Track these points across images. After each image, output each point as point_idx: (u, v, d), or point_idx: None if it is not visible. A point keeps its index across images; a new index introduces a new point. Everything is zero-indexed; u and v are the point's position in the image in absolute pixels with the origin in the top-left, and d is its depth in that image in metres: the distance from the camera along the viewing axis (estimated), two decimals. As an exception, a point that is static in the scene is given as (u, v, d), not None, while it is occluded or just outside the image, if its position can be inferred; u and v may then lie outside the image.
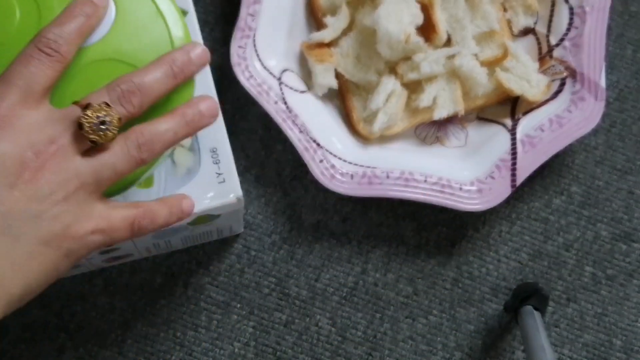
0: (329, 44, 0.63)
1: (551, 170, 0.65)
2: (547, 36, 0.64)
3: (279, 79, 0.61)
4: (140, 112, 0.44)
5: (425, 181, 0.60)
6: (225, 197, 0.52)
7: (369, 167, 0.60)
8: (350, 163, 0.61)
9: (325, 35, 0.62)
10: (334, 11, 0.63)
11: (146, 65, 0.45)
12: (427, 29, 0.61)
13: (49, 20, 0.45)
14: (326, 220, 0.62)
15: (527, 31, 0.65)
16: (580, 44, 0.63)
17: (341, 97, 0.63)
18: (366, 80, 0.62)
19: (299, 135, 0.60)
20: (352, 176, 0.60)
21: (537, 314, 0.58)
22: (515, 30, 0.65)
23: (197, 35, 0.53)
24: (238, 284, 0.61)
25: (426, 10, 0.61)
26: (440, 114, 0.62)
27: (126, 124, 0.44)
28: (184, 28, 0.48)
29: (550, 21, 0.65)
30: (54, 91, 0.44)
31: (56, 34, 0.43)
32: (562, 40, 0.64)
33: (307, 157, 0.60)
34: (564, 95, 0.62)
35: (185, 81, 0.46)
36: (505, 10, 0.65)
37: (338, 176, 0.60)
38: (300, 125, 0.60)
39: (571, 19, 0.63)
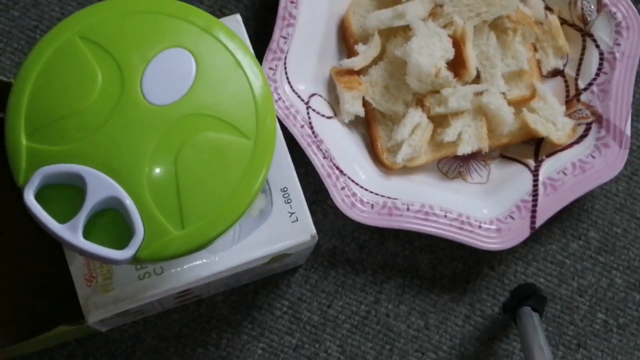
0: (359, 72, 0.63)
1: (570, 214, 0.65)
2: (576, 79, 0.64)
3: (307, 103, 0.62)
4: None
5: (445, 216, 0.60)
6: (300, 236, 0.52)
7: (389, 197, 0.61)
8: (371, 192, 0.61)
9: (356, 62, 0.62)
10: (365, 39, 0.63)
11: None
12: (457, 64, 0.62)
13: (132, 79, 0.45)
14: (343, 246, 0.62)
15: (556, 72, 0.65)
16: (608, 90, 0.63)
17: (367, 125, 0.64)
18: (393, 110, 0.62)
19: (322, 161, 0.60)
20: (372, 206, 0.60)
21: (535, 315, 0.58)
22: (545, 70, 0.65)
23: None
24: (251, 304, 0.61)
25: (457, 45, 0.61)
26: (464, 149, 0.62)
27: None
28: (262, 76, 0.47)
29: (579, 64, 0.65)
30: (153, 153, 0.44)
31: None
32: (590, 84, 0.64)
33: (329, 183, 0.60)
34: (589, 140, 0.63)
35: None
36: (535, 50, 0.65)
37: (358, 205, 0.60)
38: (325, 150, 0.60)
39: (601, 64, 0.64)
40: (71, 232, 0.43)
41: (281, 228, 0.53)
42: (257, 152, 0.47)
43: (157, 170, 0.45)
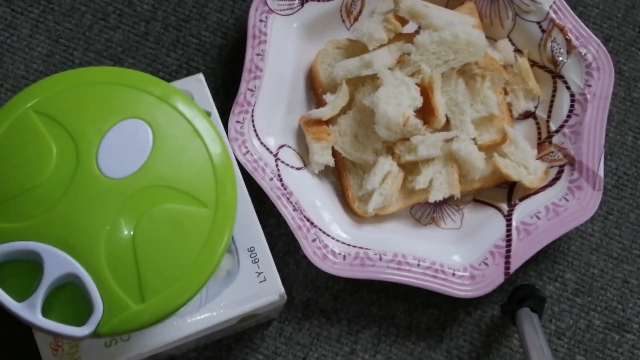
0: (328, 122, 0.63)
1: (546, 256, 0.64)
2: (548, 121, 0.64)
3: (276, 155, 0.61)
4: None
5: (419, 265, 0.60)
6: (268, 296, 0.52)
7: (362, 247, 0.60)
8: (343, 243, 0.60)
9: (324, 112, 0.62)
10: (333, 88, 0.63)
11: None
12: (426, 112, 0.61)
13: (87, 153, 0.45)
14: (317, 297, 0.62)
15: (528, 115, 0.65)
16: (580, 132, 0.62)
17: (337, 174, 0.63)
18: (363, 159, 0.62)
19: (292, 214, 0.60)
20: (344, 257, 0.60)
21: (534, 316, 0.58)
22: (516, 113, 0.65)
23: (222, 132, 0.54)
24: (225, 359, 0.60)
25: (426, 93, 0.61)
26: (435, 196, 0.61)
27: None
28: (221, 144, 0.47)
29: (551, 106, 0.64)
30: (110, 228, 0.44)
31: None
32: (562, 126, 0.63)
33: (300, 235, 0.59)
34: (562, 183, 0.62)
35: None
36: (506, 93, 0.65)
37: (330, 256, 0.59)
38: (295, 203, 0.60)
39: (572, 105, 0.63)
40: (29, 311, 0.43)
41: (249, 289, 0.53)
42: (217, 221, 0.46)
43: (115, 244, 0.45)
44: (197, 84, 0.55)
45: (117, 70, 0.48)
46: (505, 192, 0.64)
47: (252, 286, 0.53)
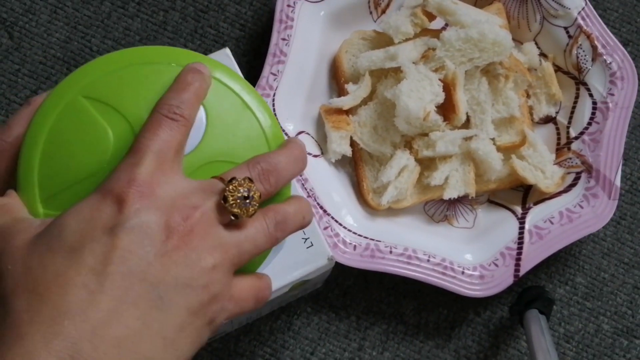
0: (348, 111, 0.62)
1: (557, 259, 0.64)
2: (568, 127, 0.64)
3: (294, 142, 0.60)
4: (274, 192, 0.43)
5: (428, 261, 0.59)
6: (318, 261, 0.52)
7: (373, 239, 0.60)
8: (355, 233, 0.60)
9: (345, 102, 0.61)
10: (356, 79, 0.62)
11: (278, 148, 0.45)
12: (447, 108, 0.61)
13: None
14: (327, 292, 0.61)
15: (548, 119, 0.65)
16: (600, 140, 0.62)
17: (354, 164, 0.63)
18: (380, 151, 0.61)
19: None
20: (355, 247, 0.59)
21: (542, 318, 0.58)
22: (536, 117, 0.64)
23: None
24: (232, 352, 0.60)
25: (448, 89, 0.60)
26: (450, 194, 0.61)
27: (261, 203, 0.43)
28: (270, 116, 0.47)
29: (572, 113, 0.64)
30: None
31: (177, 100, 0.43)
32: (581, 133, 0.63)
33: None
34: (577, 190, 0.62)
35: (304, 169, 0.46)
36: (528, 96, 0.64)
37: (341, 245, 0.59)
38: (309, 189, 0.59)
39: (593, 113, 0.63)
40: None
41: (297, 255, 0.52)
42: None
43: None
44: (225, 59, 0.53)
45: (161, 49, 0.46)
46: (520, 195, 0.64)
47: (300, 252, 0.52)
